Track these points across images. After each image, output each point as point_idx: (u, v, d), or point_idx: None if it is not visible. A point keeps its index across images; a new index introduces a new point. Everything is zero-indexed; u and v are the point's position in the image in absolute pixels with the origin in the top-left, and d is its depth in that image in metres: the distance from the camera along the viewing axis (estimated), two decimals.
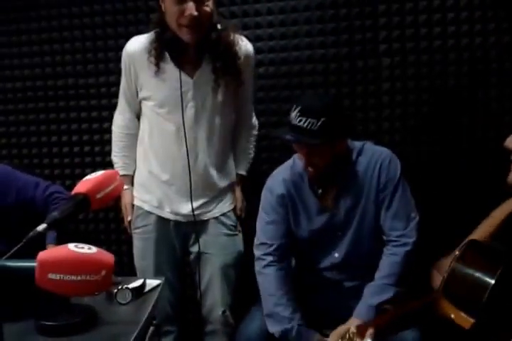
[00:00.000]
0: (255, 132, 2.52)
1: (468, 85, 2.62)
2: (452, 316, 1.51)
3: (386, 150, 2.16)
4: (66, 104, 3.02)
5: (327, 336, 2.05)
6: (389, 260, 2.06)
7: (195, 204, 2.31)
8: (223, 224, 2.39)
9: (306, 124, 1.92)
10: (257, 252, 2.20)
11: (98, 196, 1.37)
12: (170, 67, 2.18)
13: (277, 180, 2.20)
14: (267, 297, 2.10)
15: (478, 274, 1.46)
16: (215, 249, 2.38)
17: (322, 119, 1.91)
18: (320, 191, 2.14)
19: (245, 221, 2.50)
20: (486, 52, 2.58)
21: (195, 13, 1.99)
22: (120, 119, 2.42)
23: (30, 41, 3.00)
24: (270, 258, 2.15)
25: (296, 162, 2.16)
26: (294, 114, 1.96)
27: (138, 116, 2.39)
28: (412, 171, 2.58)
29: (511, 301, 1.31)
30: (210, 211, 2.36)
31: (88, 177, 1.41)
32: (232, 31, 2.21)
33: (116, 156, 2.43)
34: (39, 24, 2.98)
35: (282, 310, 2.04)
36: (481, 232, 1.78)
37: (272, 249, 2.15)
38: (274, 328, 2.04)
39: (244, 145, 2.47)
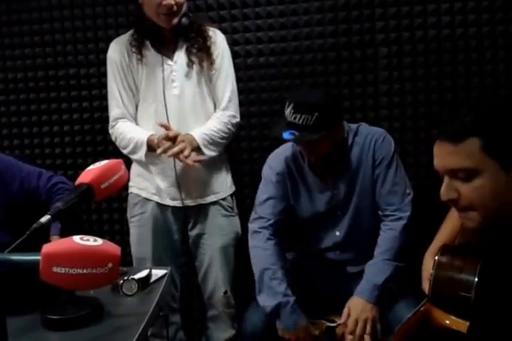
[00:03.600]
0: (231, 120, 2.42)
1: (463, 73, 2.65)
2: (447, 322, 1.48)
3: (380, 129, 2.20)
4: (67, 94, 3.01)
5: (330, 321, 2.08)
6: (387, 235, 2.10)
7: (190, 190, 2.37)
8: (220, 205, 2.45)
9: (301, 121, 1.95)
10: (252, 226, 2.20)
11: (103, 186, 1.35)
12: (151, 54, 2.35)
13: (279, 158, 2.23)
14: (262, 271, 2.09)
15: (460, 275, 1.43)
16: (214, 230, 2.43)
17: (316, 114, 1.94)
18: (320, 172, 2.18)
19: (242, 205, 2.57)
20: (480, 41, 2.61)
21: (173, 2, 2.22)
22: (123, 126, 2.46)
23: (32, 31, 2.99)
24: (267, 232, 2.15)
25: None
26: (288, 110, 1.99)
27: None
28: (410, 156, 2.63)
29: (501, 294, 1.30)
30: (207, 195, 2.42)
31: (92, 166, 1.39)
32: (200, 19, 2.47)
33: (130, 141, 2.41)
34: (40, 14, 2.97)
35: (277, 285, 2.04)
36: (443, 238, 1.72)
37: (268, 223, 2.16)
38: (266, 303, 2.04)
39: (212, 125, 2.38)
